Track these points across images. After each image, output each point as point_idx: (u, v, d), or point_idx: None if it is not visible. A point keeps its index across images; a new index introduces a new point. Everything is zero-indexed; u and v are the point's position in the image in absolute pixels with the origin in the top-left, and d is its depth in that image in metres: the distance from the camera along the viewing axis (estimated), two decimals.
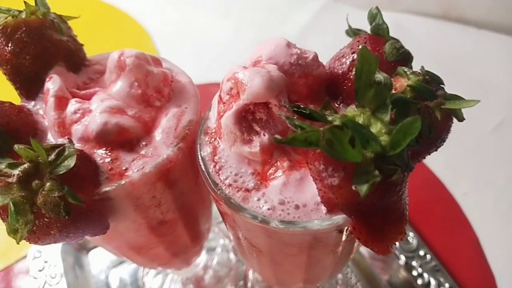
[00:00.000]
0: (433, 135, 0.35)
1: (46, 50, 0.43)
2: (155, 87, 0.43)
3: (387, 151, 0.29)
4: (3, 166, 0.35)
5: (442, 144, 0.38)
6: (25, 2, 0.42)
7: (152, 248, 0.51)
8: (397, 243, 0.75)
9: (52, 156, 0.35)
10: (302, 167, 0.38)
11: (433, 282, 0.71)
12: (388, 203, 0.33)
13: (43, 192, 0.34)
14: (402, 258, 0.74)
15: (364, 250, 0.79)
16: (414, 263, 0.73)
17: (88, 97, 0.43)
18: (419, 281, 0.71)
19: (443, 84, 0.37)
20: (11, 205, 0.34)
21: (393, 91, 0.34)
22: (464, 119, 0.36)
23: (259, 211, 0.36)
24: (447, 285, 0.70)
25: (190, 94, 0.45)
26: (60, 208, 0.34)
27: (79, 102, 0.41)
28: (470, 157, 0.94)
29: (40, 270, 0.77)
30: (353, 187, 0.29)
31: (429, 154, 0.38)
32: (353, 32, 0.44)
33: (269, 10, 1.25)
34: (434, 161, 0.92)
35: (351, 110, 0.32)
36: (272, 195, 0.36)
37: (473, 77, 1.05)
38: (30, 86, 0.44)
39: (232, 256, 0.80)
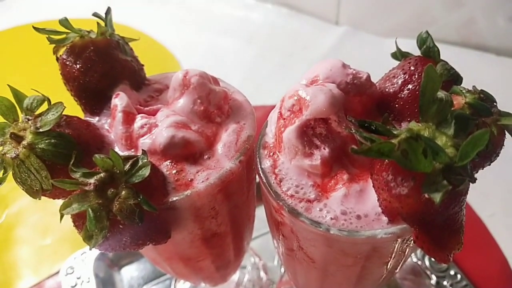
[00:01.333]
0: (490, 149, 0.37)
1: (112, 69, 0.46)
2: (216, 104, 0.45)
3: (455, 162, 0.31)
4: (79, 175, 0.37)
5: (496, 159, 0.39)
6: (98, 23, 0.45)
7: (200, 261, 0.52)
8: (427, 262, 0.75)
9: (127, 166, 0.37)
10: (360, 180, 0.40)
11: None
12: (450, 213, 0.34)
13: (119, 199, 0.36)
14: (433, 278, 0.74)
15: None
16: (445, 282, 0.74)
17: (152, 113, 0.45)
18: None
19: (496, 102, 0.39)
20: (90, 211, 0.36)
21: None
22: None
23: (323, 220, 0.37)
24: None
25: (247, 111, 0.47)
26: (135, 215, 0.36)
27: (145, 118, 0.44)
28: (496, 179, 0.95)
29: (72, 286, 0.78)
30: (426, 195, 0.30)
31: (483, 168, 0.40)
32: (401, 55, 0.46)
33: (293, 36, 1.29)
34: None
35: (415, 125, 0.34)
36: (334, 206, 0.38)
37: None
38: (96, 103, 0.47)
39: (262, 274, 0.80)
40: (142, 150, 0.38)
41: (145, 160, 0.38)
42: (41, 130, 0.39)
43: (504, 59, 1.17)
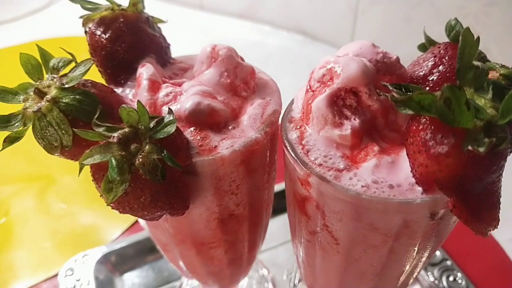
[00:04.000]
0: None
1: (141, 41, 0.46)
2: (243, 78, 0.45)
3: (496, 120, 0.30)
4: (102, 130, 0.36)
5: None
6: None
7: (213, 248, 0.49)
8: (445, 283, 0.72)
9: (153, 123, 0.36)
10: (391, 153, 0.38)
11: None
12: (489, 181, 0.33)
13: (142, 153, 0.35)
14: None
15: None
16: None
17: (177, 85, 0.45)
18: None
19: None
20: (113, 160, 0.34)
21: None
22: None
23: (353, 188, 0.36)
24: None
25: (273, 89, 0.47)
26: (157, 171, 0.35)
27: (170, 86, 0.43)
28: None
29: None
30: (469, 147, 0.29)
31: None
32: (430, 43, 0.46)
33: (307, 62, 1.31)
34: None
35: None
36: (365, 175, 0.36)
37: None
38: (121, 73, 0.47)
39: (270, 286, 0.76)
40: (168, 108, 0.37)
41: (171, 118, 0.37)
42: (66, 85, 0.39)
43: None
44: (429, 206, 0.35)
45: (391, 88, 0.33)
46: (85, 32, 0.48)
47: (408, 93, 0.33)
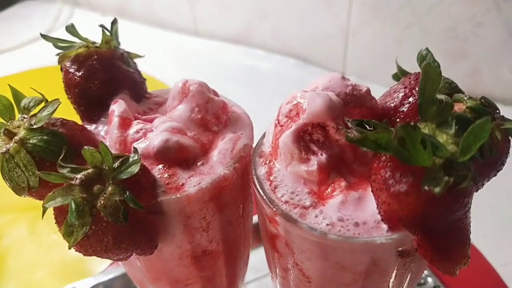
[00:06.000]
0: (494, 155, 0.35)
1: (114, 78, 0.47)
2: (214, 113, 0.45)
3: (457, 157, 0.30)
4: (66, 171, 0.36)
5: (501, 168, 0.38)
6: (103, 31, 0.46)
7: (189, 285, 0.49)
8: None
9: (117, 163, 0.36)
10: (359, 188, 0.38)
11: None
12: (454, 217, 0.32)
13: (104, 195, 0.35)
14: None
15: None
16: None
17: (149, 121, 0.45)
18: None
19: (499, 109, 0.38)
20: (72, 204, 0.34)
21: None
22: None
23: (318, 226, 0.35)
24: None
25: (245, 122, 0.47)
26: (119, 213, 0.35)
27: (141, 123, 0.43)
28: (507, 227, 0.91)
29: None
30: (425, 187, 0.29)
31: (489, 179, 0.38)
32: (401, 73, 0.46)
33: (300, 85, 1.32)
34: (472, 232, 0.89)
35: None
36: (330, 212, 0.36)
37: None
38: (94, 110, 0.47)
39: None
40: (134, 148, 0.37)
41: (136, 158, 0.36)
42: (34, 126, 0.39)
43: None
44: (395, 244, 0.34)
45: (350, 126, 0.33)
46: (61, 69, 0.48)
47: (367, 131, 0.32)
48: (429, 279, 0.75)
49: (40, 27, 1.68)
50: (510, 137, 0.36)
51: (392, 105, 0.43)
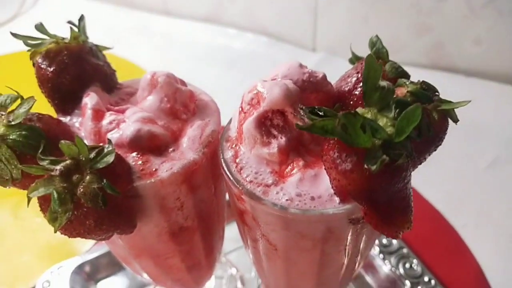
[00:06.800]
0: (432, 134, 0.40)
1: (84, 72, 0.49)
2: (182, 102, 0.48)
3: (393, 138, 0.34)
4: (46, 163, 0.39)
5: (440, 144, 0.42)
6: (71, 27, 0.48)
7: (169, 258, 0.53)
8: (401, 270, 0.77)
9: (93, 154, 0.39)
10: (315, 166, 0.42)
11: None
12: (394, 189, 0.37)
13: (83, 183, 0.38)
14: (408, 284, 0.75)
15: (370, 280, 0.80)
16: None
17: (121, 112, 0.48)
18: None
19: (438, 92, 0.42)
20: (54, 193, 0.37)
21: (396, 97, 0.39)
22: (458, 120, 0.41)
23: (278, 202, 0.39)
24: None
25: (212, 109, 0.50)
26: (98, 199, 0.38)
27: (113, 114, 0.46)
28: (468, 192, 0.98)
29: None
30: (365, 166, 0.33)
31: (430, 154, 0.43)
32: (356, 58, 0.50)
33: (272, 63, 1.35)
34: (433, 196, 0.96)
35: (359, 109, 0.37)
36: (290, 189, 0.40)
37: (466, 120, 1.12)
38: (67, 103, 0.49)
39: (240, 285, 0.81)
40: (108, 139, 0.40)
41: (110, 148, 0.40)
42: (12, 122, 0.41)
43: (473, 80, 1.23)
44: (346, 214, 0.39)
45: (302, 113, 0.37)
46: (33, 64, 0.50)
47: (318, 117, 0.36)
48: (394, 242, 0.82)
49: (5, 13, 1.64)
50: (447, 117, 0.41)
51: (346, 89, 0.47)
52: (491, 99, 1.19)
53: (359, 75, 0.47)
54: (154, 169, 0.43)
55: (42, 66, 0.48)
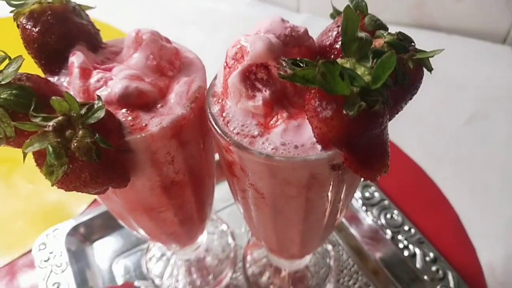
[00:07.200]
0: (407, 82, 0.42)
1: (69, 31, 0.50)
2: (168, 59, 0.49)
3: (370, 86, 0.36)
4: (38, 120, 0.41)
5: (416, 92, 0.45)
6: None
7: (162, 212, 0.56)
8: (383, 220, 0.81)
9: (84, 110, 0.41)
10: (298, 117, 0.44)
11: (418, 252, 0.76)
12: (372, 135, 0.39)
13: (76, 138, 0.40)
14: (389, 233, 0.80)
15: (354, 231, 0.85)
16: (400, 237, 0.79)
17: (108, 70, 0.49)
18: (406, 253, 0.77)
19: (414, 42, 0.44)
20: (49, 148, 0.39)
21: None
22: (432, 69, 0.43)
23: (264, 151, 0.42)
24: (431, 254, 0.76)
25: (197, 66, 0.51)
26: (92, 152, 0.40)
27: (101, 72, 0.47)
28: (447, 147, 1.02)
29: (45, 261, 0.80)
30: (344, 112, 0.35)
31: (406, 103, 0.45)
32: (336, 13, 0.51)
33: (251, 21, 1.34)
34: (413, 151, 0.99)
35: (339, 60, 0.39)
36: (275, 139, 0.42)
37: (446, 77, 1.15)
38: (54, 63, 0.50)
39: (230, 240, 0.84)
40: (97, 95, 0.42)
41: (100, 104, 0.41)
42: (2, 82, 0.42)
43: (455, 37, 1.25)
44: (328, 160, 0.41)
45: (284, 64, 0.39)
46: (17, 26, 0.51)
47: (299, 68, 0.38)
48: (376, 194, 0.86)
49: None
50: (422, 66, 0.43)
51: (327, 43, 0.49)
52: (472, 56, 1.22)
53: (339, 29, 0.49)
54: (144, 124, 0.45)
55: (27, 26, 0.49)
